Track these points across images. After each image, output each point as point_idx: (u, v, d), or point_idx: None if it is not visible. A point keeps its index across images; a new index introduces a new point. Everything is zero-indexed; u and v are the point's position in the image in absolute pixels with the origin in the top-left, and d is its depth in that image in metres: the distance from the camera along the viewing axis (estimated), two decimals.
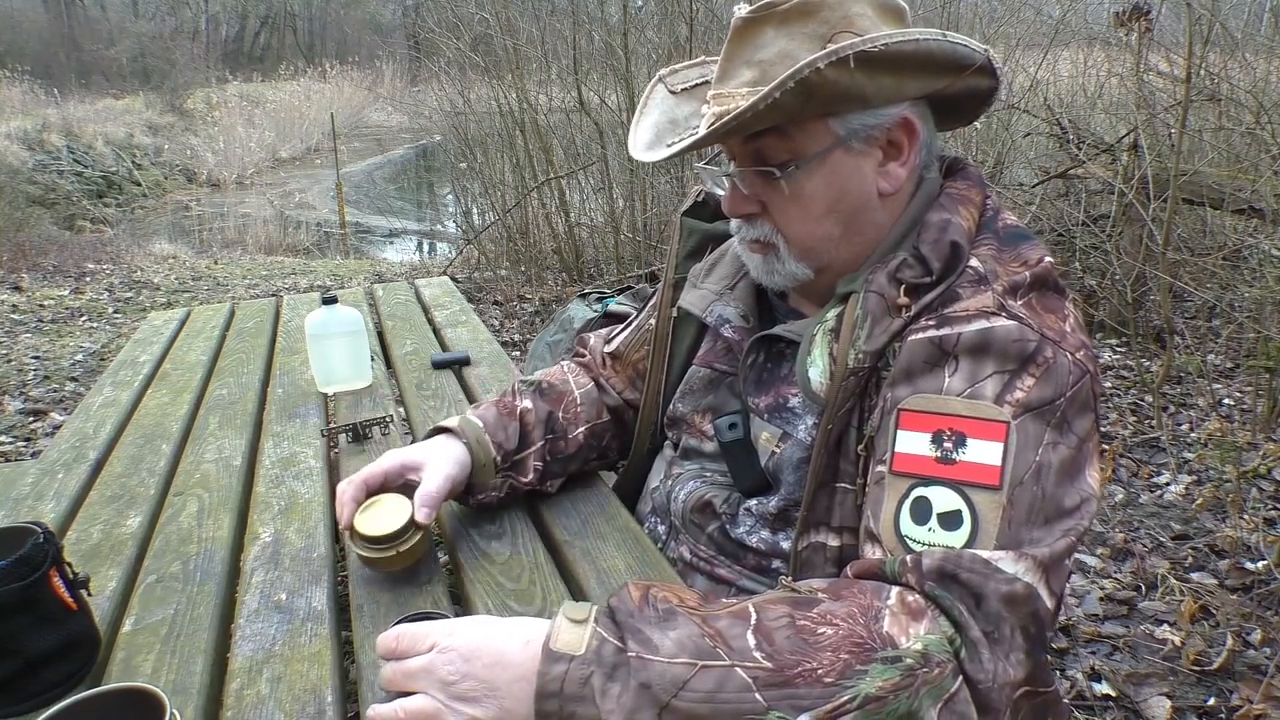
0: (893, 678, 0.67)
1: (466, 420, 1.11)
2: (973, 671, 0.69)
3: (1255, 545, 2.30)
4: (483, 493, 1.11)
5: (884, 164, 0.91)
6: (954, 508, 0.75)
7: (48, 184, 12.00)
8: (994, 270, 0.85)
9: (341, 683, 0.87)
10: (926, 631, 0.70)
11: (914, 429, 0.79)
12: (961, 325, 0.80)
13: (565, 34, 5.40)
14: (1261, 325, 3.01)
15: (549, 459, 1.16)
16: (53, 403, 3.81)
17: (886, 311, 0.85)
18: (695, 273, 1.14)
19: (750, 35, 0.87)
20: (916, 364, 0.81)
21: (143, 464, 1.38)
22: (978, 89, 0.92)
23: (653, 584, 0.75)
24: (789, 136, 0.88)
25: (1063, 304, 0.85)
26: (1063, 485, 0.76)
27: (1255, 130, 3.35)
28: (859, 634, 0.69)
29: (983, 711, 0.69)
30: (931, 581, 0.72)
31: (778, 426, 0.98)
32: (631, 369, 1.25)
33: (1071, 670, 1.91)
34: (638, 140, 1.01)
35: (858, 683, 0.66)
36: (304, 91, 19.97)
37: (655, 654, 0.67)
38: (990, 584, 0.71)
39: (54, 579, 0.84)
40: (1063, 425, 0.78)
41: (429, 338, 2.04)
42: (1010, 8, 5.07)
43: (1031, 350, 0.78)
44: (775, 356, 1.01)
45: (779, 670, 0.67)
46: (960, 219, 0.89)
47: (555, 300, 5.11)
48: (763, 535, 0.99)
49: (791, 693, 0.66)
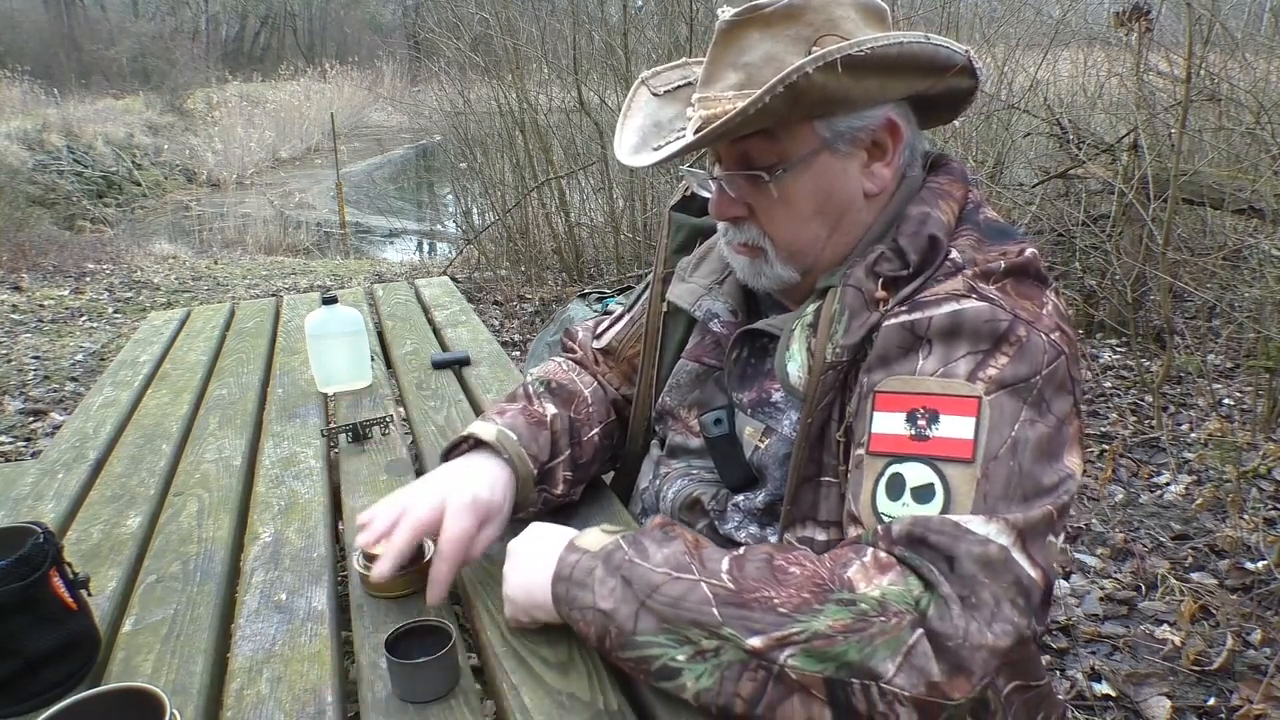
0: (843, 619, 0.70)
1: (504, 434, 1.05)
2: (940, 627, 0.68)
3: (1255, 545, 2.30)
4: (521, 511, 1.06)
5: (869, 165, 0.92)
6: (926, 481, 0.76)
7: (48, 184, 12.00)
8: (971, 259, 0.85)
9: (341, 683, 0.87)
10: (890, 584, 0.71)
11: (889, 410, 0.80)
12: (932, 309, 0.81)
13: (565, 34, 5.40)
14: (1261, 325, 3.01)
15: (574, 468, 1.13)
16: (53, 403, 3.81)
17: (864, 305, 0.86)
18: (683, 266, 1.14)
19: (735, 38, 0.87)
20: (891, 349, 0.82)
21: (143, 464, 1.38)
22: (958, 89, 0.93)
23: (677, 523, 0.86)
24: (776, 140, 0.88)
25: (1042, 292, 0.85)
26: (1040, 463, 0.76)
27: (1255, 130, 3.35)
28: (821, 575, 0.74)
29: (955, 671, 0.68)
30: (901, 545, 0.73)
31: (761, 421, 0.99)
32: (626, 364, 1.24)
33: (1071, 670, 1.91)
34: (623, 144, 1.01)
35: (810, 620, 0.70)
36: (304, 91, 19.97)
37: (644, 561, 0.79)
38: (961, 545, 0.71)
39: (54, 579, 0.84)
40: (1040, 404, 0.78)
41: (429, 338, 2.04)
42: (1010, 8, 5.07)
43: (1004, 329, 0.79)
44: (759, 351, 1.01)
45: (738, 592, 0.74)
46: (940, 212, 0.89)
47: (555, 300, 5.11)
48: (751, 531, 1.00)
49: (745, 614, 0.72)
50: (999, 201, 4.43)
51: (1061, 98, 4.82)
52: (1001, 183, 4.42)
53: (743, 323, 1.04)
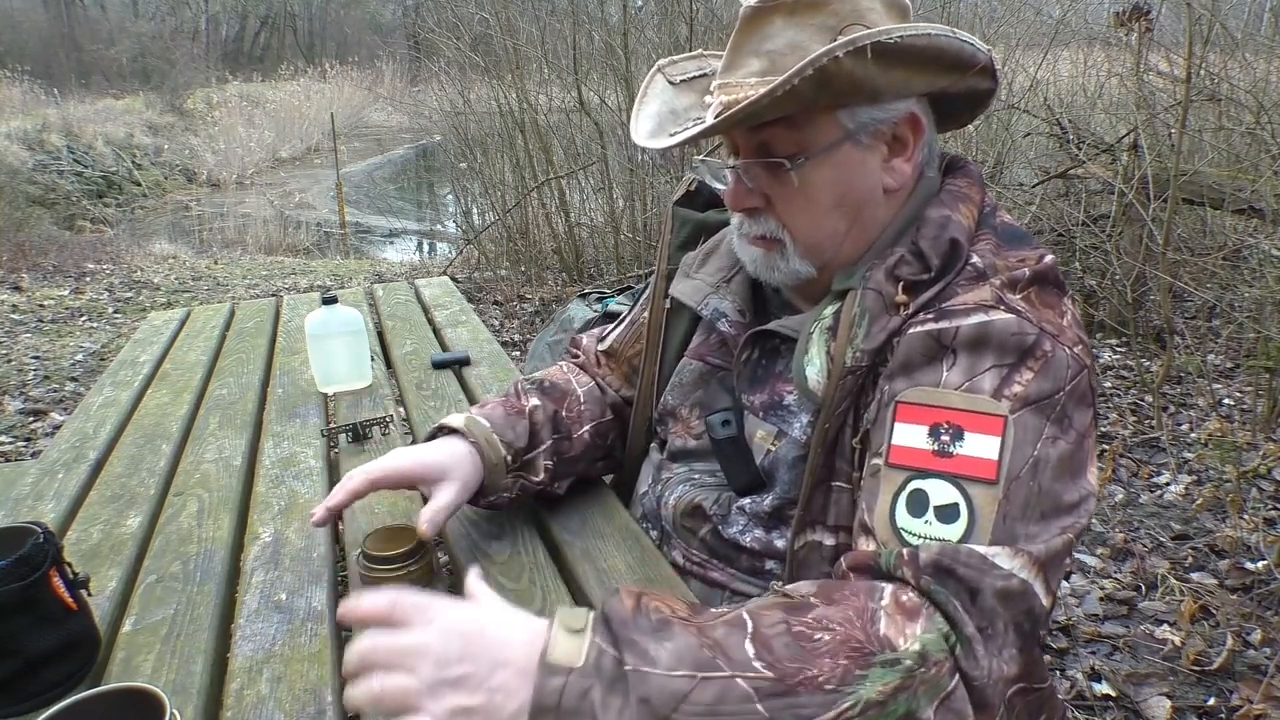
0: (893, 680, 0.66)
1: (473, 420, 1.07)
2: (968, 669, 0.69)
3: (1255, 545, 2.30)
4: (494, 494, 1.08)
5: (889, 159, 0.90)
6: (951, 501, 0.75)
7: (48, 184, 12.00)
8: (993, 265, 0.84)
9: (341, 683, 0.86)
10: (923, 631, 0.69)
11: (911, 421, 0.79)
12: (960, 319, 0.80)
13: (565, 34, 5.40)
14: (1261, 325, 3.01)
15: (557, 459, 1.13)
16: (53, 403, 3.81)
17: (885, 309, 0.84)
18: (688, 262, 1.12)
19: (759, 25, 0.86)
20: (914, 357, 0.81)
21: (143, 464, 1.38)
22: (977, 90, 0.92)
23: (645, 591, 0.72)
24: (798, 128, 0.87)
25: (1061, 300, 0.85)
26: (1061, 480, 0.76)
27: (1255, 130, 3.35)
28: (857, 638, 0.68)
29: (979, 708, 0.69)
30: (928, 576, 0.72)
31: (773, 424, 0.97)
32: (627, 364, 1.23)
33: (1071, 670, 1.91)
34: (640, 129, 0.99)
35: (858, 688, 0.66)
36: (304, 91, 19.96)
37: (654, 666, 0.64)
38: (986, 579, 0.71)
39: (54, 579, 0.84)
40: (1062, 420, 0.77)
41: (429, 338, 2.04)
42: (1010, 8, 5.07)
43: (1030, 344, 0.78)
44: (770, 353, 1.00)
45: (780, 679, 0.65)
46: (960, 216, 0.88)
47: (555, 300, 5.11)
48: (756, 534, 0.98)
49: (793, 701, 0.65)
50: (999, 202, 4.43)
51: (1061, 98, 4.82)
52: (1001, 183, 4.42)
53: (751, 323, 1.03)
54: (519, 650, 0.66)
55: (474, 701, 0.64)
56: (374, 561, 0.97)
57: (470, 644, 0.66)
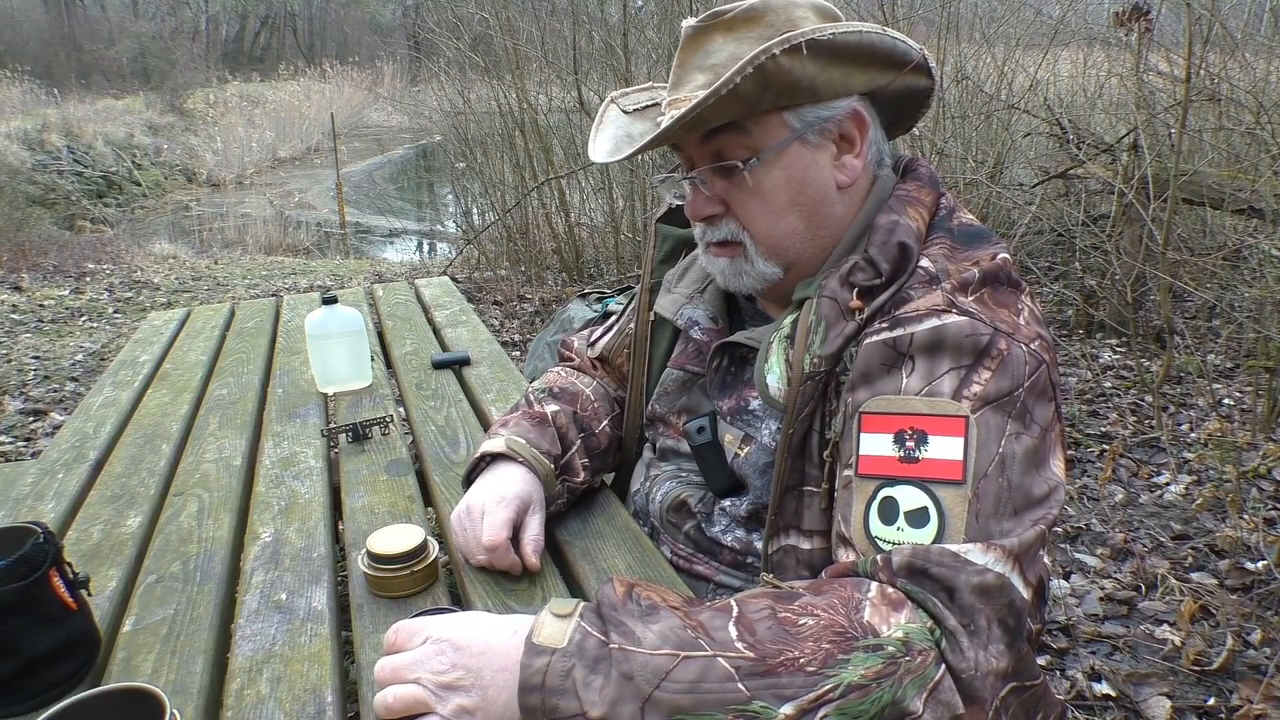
0: (875, 665, 0.67)
1: (513, 440, 1.11)
2: (955, 661, 0.69)
3: (1255, 545, 2.30)
4: (551, 505, 1.11)
5: (839, 157, 0.94)
6: (920, 505, 0.76)
7: (48, 184, 12.00)
8: (945, 269, 0.86)
9: (341, 683, 0.87)
10: (907, 620, 0.70)
11: (876, 431, 0.80)
12: (913, 325, 0.82)
13: (565, 34, 5.40)
14: (1261, 325, 3.01)
15: (589, 456, 1.18)
16: (53, 403, 3.81)
17: (840, 315, 0.87)
18: (669, 278, 1.17)
19: (701, 43, 0.91)
20: (873, 367, 0.83)
21: (143, 464, 1.38)
22: (916, 88, 0.96)
23: (638, 582, 0.76)
24: (747, 133, 0.90)
25: (1016, 298, 0.86)
26: (1029, 474, 0.77)
27: (1255, 130, 3.35)
28: (840, 623, 0.70)
29: (969, 701, 0.69)
30: (903, 578, 0.73)
31: (740, 429, 1.01)
32: (618, 372, 1.29)
33: (1071, 670, 1.91)
34: (598, 150, 1.04)
35: (840, 671, 0.67)
36: (304, 91, 19.97)
37: (638, 645, 0.68)
38: (961, 576, 0.71)
39: (54, 579, 0.84)
40: (1024, 415, 0.79)
41: (429, 338, 2.04)
42: (1010, 8, 5.07)
43: (985, 343, 0.79)
44: (739, 360, 1.03)
45: (761, 659, 0.67)
46: (908, 219, 0.90)
47: (555, 300, 5.11)
48: (737, 535, 1.02)
49: (774, 681, 0.66)
50: (999, 201, 4.43)
51: (1061, 98, 4.82)
52: (1001, 183, 4.42)
53: (724, 329, 1.07)
54: (504, 647, 0.72)
55: (471, 701, 0.71)
56: (379, 561, 0.98)
57: (460, 651, 0.73)
